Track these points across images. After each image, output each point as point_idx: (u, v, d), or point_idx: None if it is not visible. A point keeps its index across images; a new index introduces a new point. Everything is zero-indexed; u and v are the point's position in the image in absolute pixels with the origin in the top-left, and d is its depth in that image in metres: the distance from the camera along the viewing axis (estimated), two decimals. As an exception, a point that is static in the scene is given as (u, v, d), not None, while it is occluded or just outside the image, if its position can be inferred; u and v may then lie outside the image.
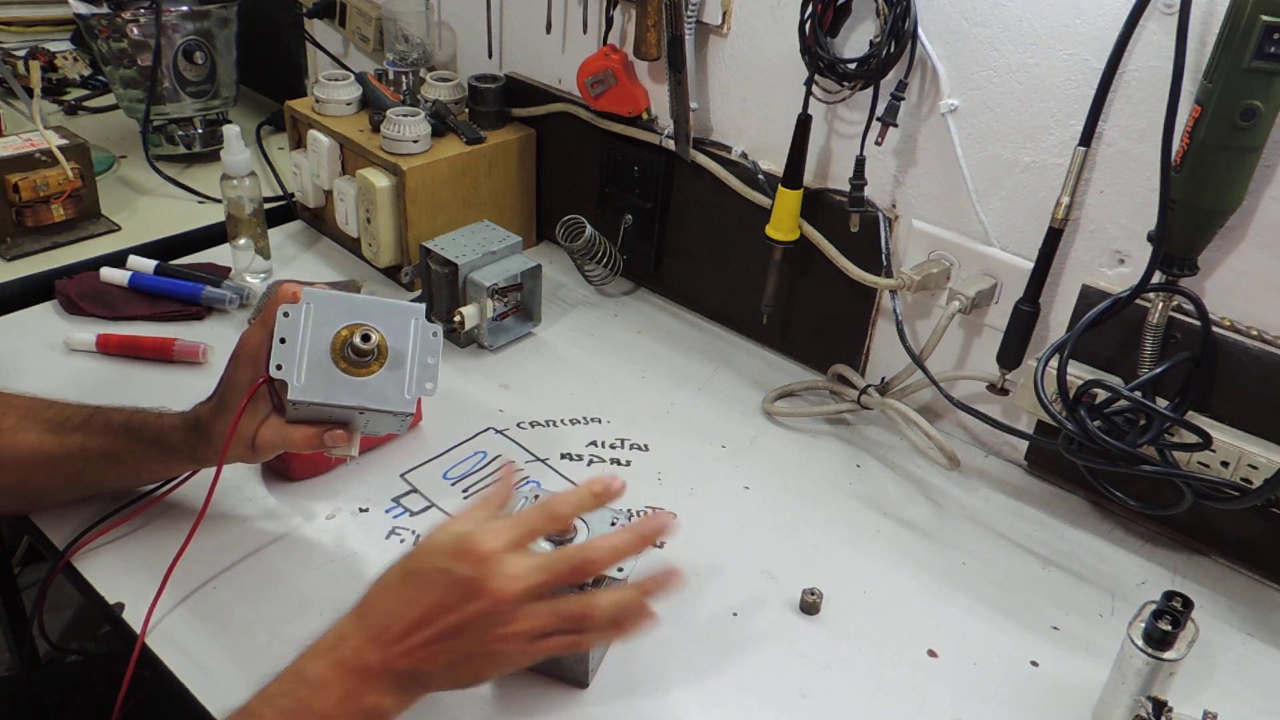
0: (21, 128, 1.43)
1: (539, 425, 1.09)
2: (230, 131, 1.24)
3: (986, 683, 0.83)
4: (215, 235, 1.38)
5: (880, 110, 1.00)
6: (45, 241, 1.31)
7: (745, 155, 1.16)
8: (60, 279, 1.23)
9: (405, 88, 1.40)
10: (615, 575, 0.75)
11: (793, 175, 1.06)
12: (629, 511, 0.87)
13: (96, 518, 0.89)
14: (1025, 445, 1.07)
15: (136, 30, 1.44)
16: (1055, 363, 0.90)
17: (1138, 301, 0.89)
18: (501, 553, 0.65)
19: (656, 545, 0.94)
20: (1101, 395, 0.89)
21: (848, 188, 1.04)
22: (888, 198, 1.07)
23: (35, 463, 0.84)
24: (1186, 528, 0.98)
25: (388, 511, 0.95)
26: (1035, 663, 0.85)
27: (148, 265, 1.26)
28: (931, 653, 0.86)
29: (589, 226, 1.26)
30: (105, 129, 1.63)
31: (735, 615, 0.87)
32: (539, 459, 1.04)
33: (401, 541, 0.92)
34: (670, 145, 1.21)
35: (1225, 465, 0.87)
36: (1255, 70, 0.75)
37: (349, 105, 1.34)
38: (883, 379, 1.11)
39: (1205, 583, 0.95)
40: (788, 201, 1.08)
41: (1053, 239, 0.94)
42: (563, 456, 1.05)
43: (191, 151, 1.56)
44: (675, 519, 0.71)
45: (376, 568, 0.88)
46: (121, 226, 1.37)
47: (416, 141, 1.25)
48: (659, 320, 1.31)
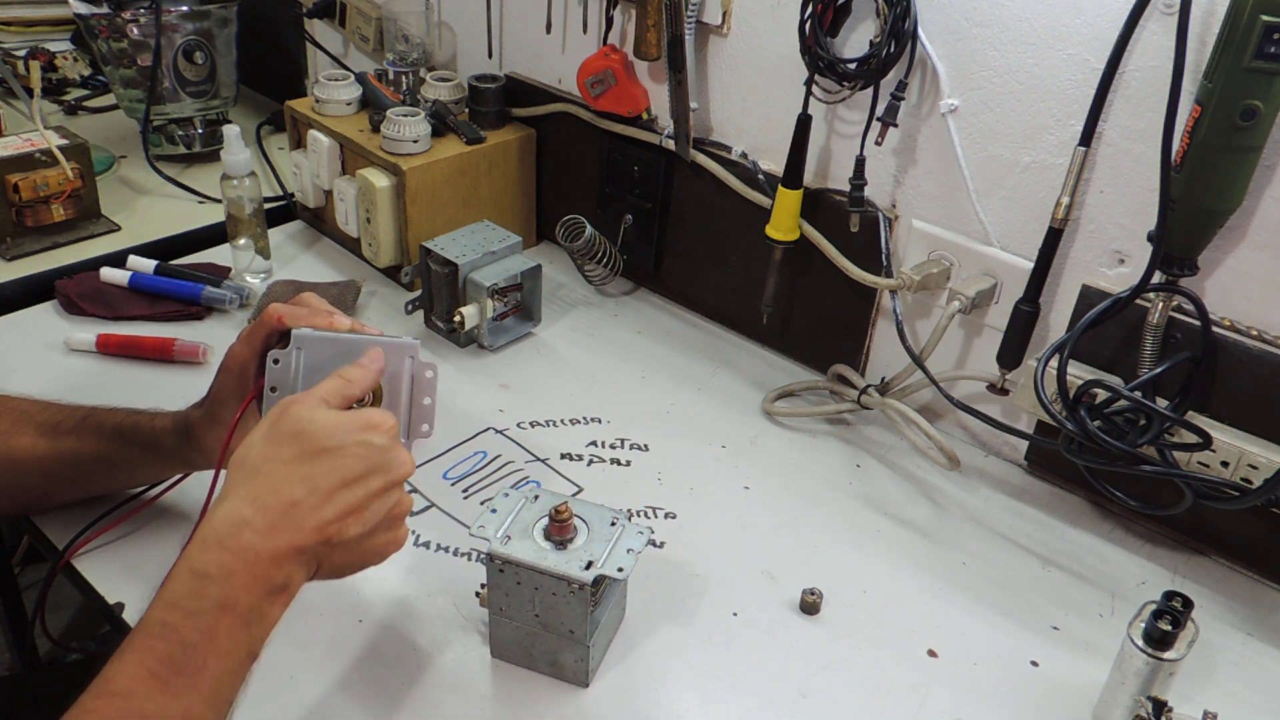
0: (21, 128, 1.43)
1: (539, 425, 1.09)
2: (230, 131, 1.24)
3: (986, 683, 0.83)
4: (215, 235, 1.38)
5: (880, 110, 1.00)
6: (45, 241, 1.31)
7: (745, 155, 1.16)
8: (60, 279, 1.23)
9: (405, 88, 1.40)
10: (616, 576, 0.75)
11: (793, 175, 1.06)
12: (629, 512, 0.87)
13: (95, 517, 0.89)
14: (1025, 445, 1.07)
15: (136, 30, 1.44)
16: (1055, 363, 0.90)
17: (1138, 301, 0.89)
18: (389, 425, 0.68)
19: (656, 545, 0.94)
20: (1101, 395, 0.89)
21: (848, 188, 1.04)
22: (888, 198, 1.08)
23: (29, 467, 0.84)
24: (1186, 528, 0.98)
25: (388, 511, 0.95)
26: (1035, 663, 0.85)
27: (148, 265, 1.26)
28: (931, 653, 0.86)
29: (589, 226, 1.26)
30: (105, 129, 1.63)
31: (735, 615, 0.87)
32: (539, 459, 1.04)
33: (401, 541, 0.92)
34: (670, 145, 1.21)
35: (1225, 465, 0.87)
36: (1255, 70, 0.75)
37: (349, 105, 1.34)
38: (883, 379, 1.11)
39: (1205, 583, 0.95)
40: (788, 201, 1.08)
41: (1053, 239, 0.94)
42: (563, 456, 1.05)
43: (191, 151, 1.56)
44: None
45: (378, 568, 0.88)
46: (121, 226, 1.37)
47: (416, 141, 1.25)
48: (659, 320, 1.31)
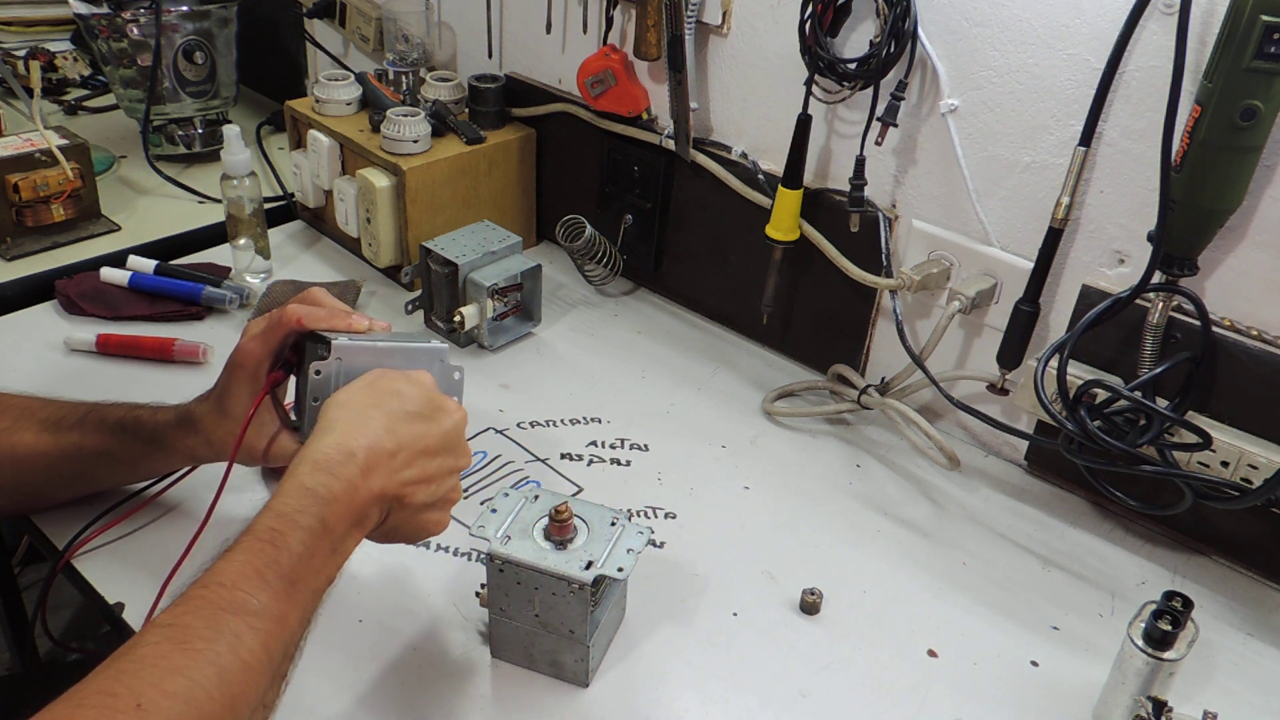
0: (21, 128, 1.43)
1: (539, 425, 1.09)
2: (230, 131, 1.24)
3: (986, 683, 0.83)
4: (215, 235, 1.38)
5: (880, 110, 1.00)
6: (45, 241, 1.31)
7: (745, 155, 1.16)
8: (60, 279, 1.23)
9: (405, 88, 1.40)
10: (616, 576, 0.75)
11: (793, 175, 1.06)
12: (629, 512, 0.87)
13: (95, 516, 0.89)
14: (1025, 445, 1.07)
15: (136, 30, 1.44)
16: (1055, 363, 0.90)
17: (1138, 301, 0.89)
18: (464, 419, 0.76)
19: (656, 545, 0.94)
20: (1101, 395, 0.89)
21: (848, 188, 1.04)
22: (888, 198, 1.08)
23: (32, 463, 0.84)
24: (1186, 528, 0.98)
25: (388, 511, 0.95)
26: (1035, 663, 0.85)
27: (148, 265, 1.26)
28: (931, 653, 0.86)
29: (589, 226, 1.26)
30: (105, 129, 1.63)
31: (735, 615, 0.87)
32: (539, 459, 1.04)
33: (401, 541, 0.92)
34: (670, 145, 1.21)
35: (1225, 465, 0.87)
36: (1255, 70, 0.75)
37: (349, 105, 1.34)
38: (883, 379, 1.11)
39: (1205, 583, 0.95)
40: (788, 201, 1.08)
41: (1053, 239, 0.94)
42: (563, 456, 1.05)
43: (191, 151, 1.56)
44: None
45: (378, 568, 0.89)
46: (121, 226, 1.37)
47: (416, 141, 1.25)
48: (659, 320, 1.31)
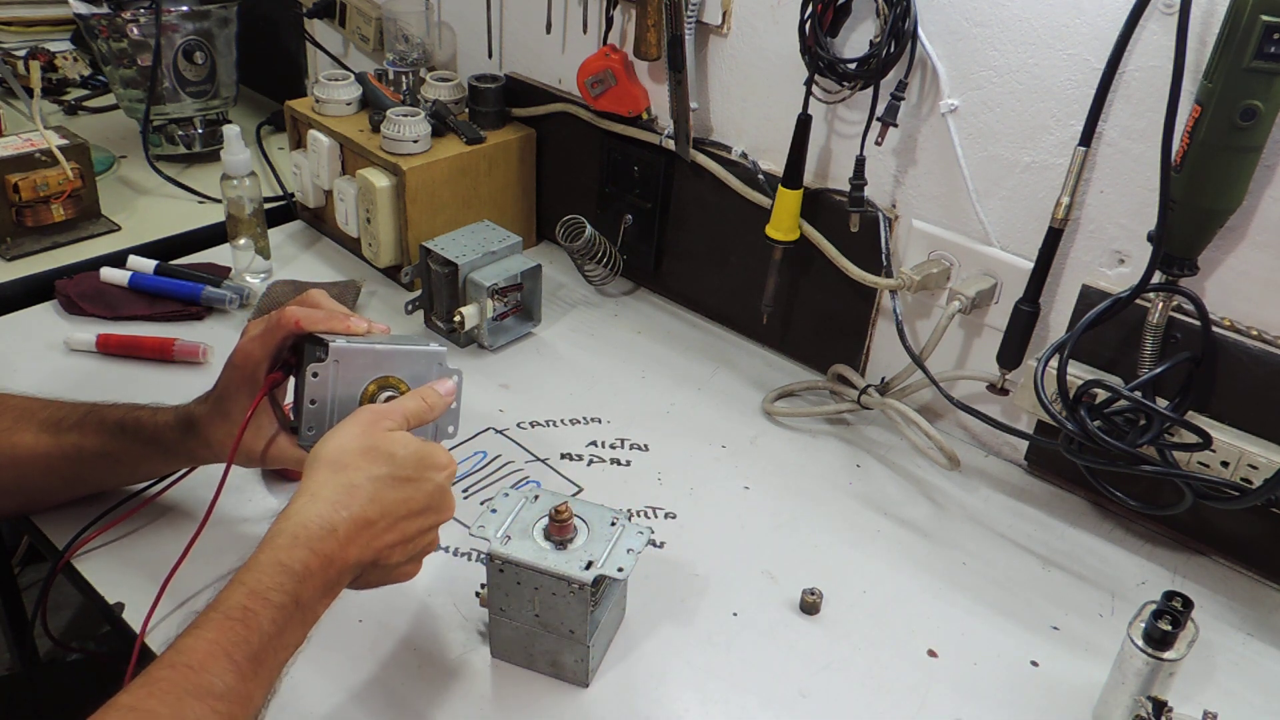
0: (21, 128, 1.43)
1: (539, 425, 1.09)
2: (230, 131, 1.24)
3: (986, 683, 0.83)
4: (215, 235, 1.38)
5: (880, 110, 1.00)
6: (45, 241, 1.31)
7: (745, 155, 1.16)
8: (60, 279, 1.23)
9: (405, 88, 1.40)
10: (616, 576, 0.75)
11: (793, 175, 1.06)
12: (629, 512, 0.87)
13: (95, 517, 0.89)
14: (1025, 445, 1.07)
15: (136, 30, 1.44)
16: (1055, 363, 0.90)
17: (1138, 301, 0.89)
18: (445, 456, 0.74)
19: (656, 545, 0.94)
20: (1101, 395, 0.89)
21: (848, 188, 1.04)
22: (888, 198, 1.08)
23: (32, 463, 0.84)
24: (1186, 528, 0.98)
25: (388, 511, 0.95)
26: (1035, 663, 0.85)
27: (148, 265, 1.26)
28: (931, 653, 0.86)
29: (589, 226, 1.26)
30: (105, 129, 1.63)
31: (735, 615, 0.87)
32: (539, 459, 1.04)
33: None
34: (670, 145, 1.21)
35: (1225, 465, 0.87)
36: (1255, 70, 0.75)
37: (349, 105, 1.34)
38: (883, 379, 1.11)
39: (1205, 583, 0.95)
40: (788, 201, 1.08)
41: (1053, 239, 0.94)
42: (563, 456, 1.05)
43: (191, 151, 1.56)
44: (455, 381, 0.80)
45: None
46: (121, 226, 1.37)
47: (416, 141, 1.25)
48: (659, 320, 1.31)
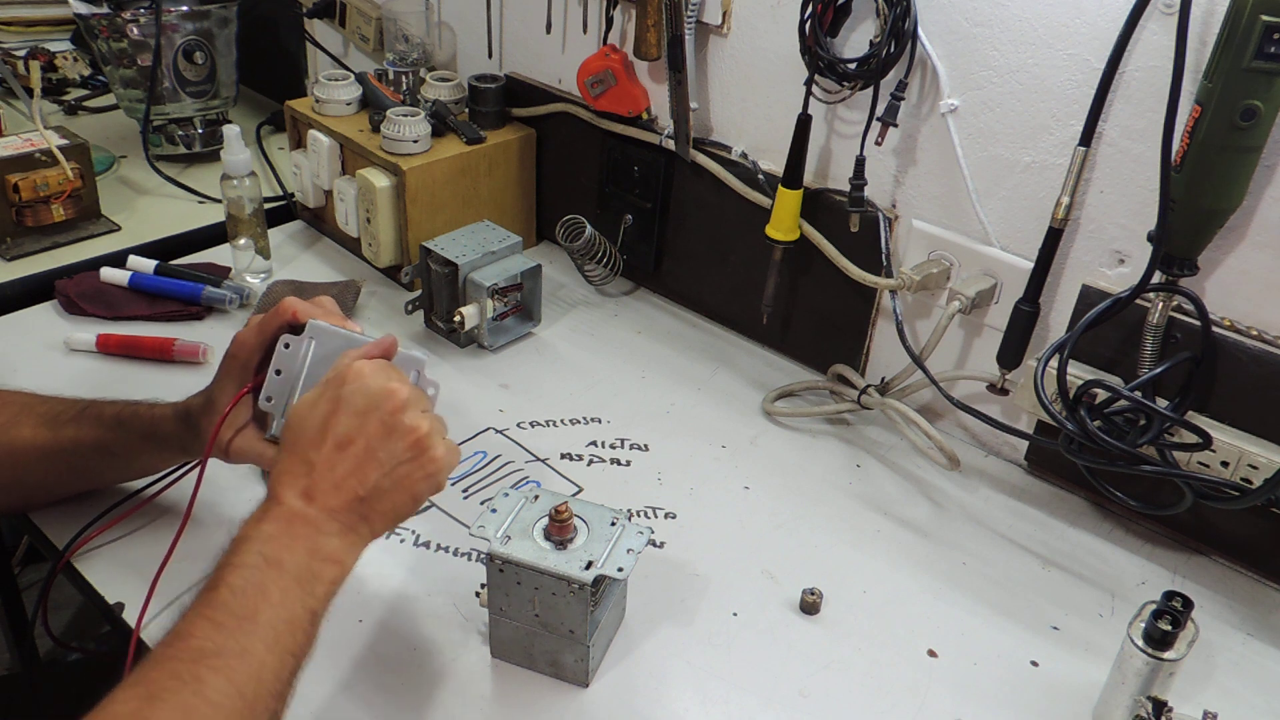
0: (21, 128, 1.43)
1: (539, 425, 1.09)
2: (230, 131, 1.24)
3: (986, 683, 0.83)
4: (215, 235, 1.38)
5: (880, 110, 1.00)
6: (45, 241, 1.31)
7: (745, 155, 1.16)
8: (60, 279, 1.23)
9: (405, 88, 1.40)
10: (616, 576, 0.75)
11: (793, 175, 1.06)
12: (629, 512, 0.87)
13: (95, 516, 0.89)
14: (1025, 445, 1.07)
15: (136, 30, 1.44)
16: (1055, 363, 0.90)
17: (1138, 301, 0.89)
18: (369, 369, 0.71)
19: (656, 545, 0.94)
20: (1101, 395, 0.89)
21: (848, 188, 1.04)
22: (888, 198, 1.07)
23: (30, 458, 0.84)
24: (1186, 528, 0.98)
25: (388, 511, 0.95)
26: (1035, 663, 0.85)
27: (148, 265, 1.26)
28: (931, 653, 0.86)
29: (589, 226, 1.26)
30: (105, 129, 1.63)
31: (735, 615, 0.87)
32: (539, 459, 1.04)
33: (401, 541, 0.92)
34: (670, 145, 1.21)
35: (1225, 465, 0.87)
36: (1255, 70, 0.75)
37: (349, 105, 1.34)
38: (883, 379, 1.11)
39: (1205, 583, 0.95)
40: (788, 201, 1.08)
41: (1053, 239, 0.94)
42: (563, 456, 1.05)
43: (191, 151, 1.56)
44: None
45: (375, 566, 0.89)
46: (121, 226, 1.37)
47: (416, 141, 1.25)
48: (659, 320, 1.31)
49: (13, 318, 1.20)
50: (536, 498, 0.82)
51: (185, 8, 1.46)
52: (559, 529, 0.77)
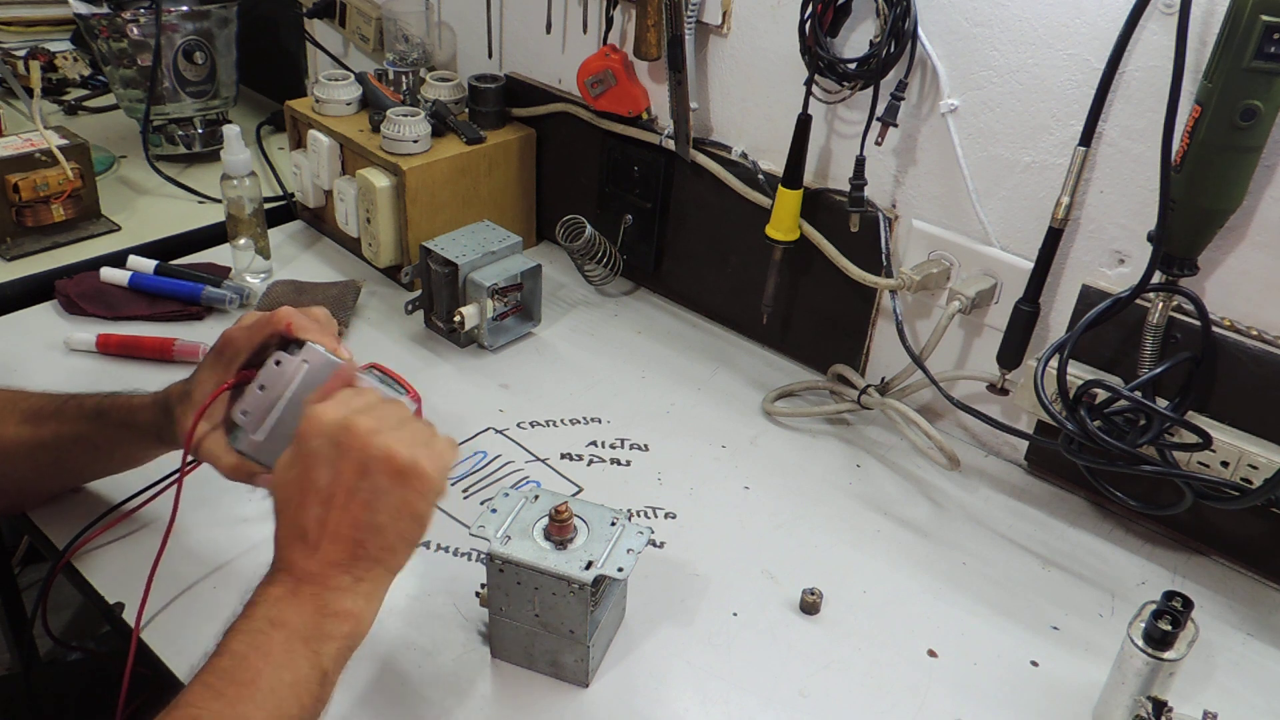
0: (21, 128, 1.43)
1: (539, 425, 1.09)
2: (230, 131, 1.24)
3: (986, 683, 0.83)
4: (215, 235, 1.38)
5: (880, 110, 1.00)
6: (45, 241, 1.31)
7: (745, 155, 1.16)
8: (60, 279, 1.23)
9: (405, 88, 1.40)
10: (616, 576, 0.75)
11: (793, 175, 1.06)
12: (628, 512, 0.87)
13: (95, 517, 0.89)
14: (1025, 445, 1.07)
15: (136, 30, 1.44)
16: (1055, 363, 0.90)
17: (1138, 301, 0.89)
18: (327, 411, 0.67)
19: (656, 545, 0.94)
20: (1101, 395, 0.89)
21: (848, 188, 1.04)
22: (888, 198, 1.07)
23: (14, 454, 0.84)
24: (1186, 528, 0.98)
25: (388, 511, 0.95)
26: (1035, 663, 0.85)
27: (148, 265, 1.26)
28: (931, 653, 0.86)
29: (589, 226, 1.26)
30: (105, 129, 1.63)
31: (735, 615, 0.87)
32: (539, 459, 1.04)
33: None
34: (670, 145, 1.21)
35: (1225, 465, 0.87)
36: (1255, 70, 0.75)
37: (349, 105, 1.34)
38: (883, 379, 1.11)
39: (1205, 583, 0.95)
40: (788, 201, 1.08)
41: (1053, 239, 0.94)
42: (563, 456, 1.05)
43: (191, 151, 1.56)
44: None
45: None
46: (121, 226, 1.37)
47: (416, 141, 1.25)
48: (659, 320, 1.31)
49: (13, 318, 1.20)
50: (536, 498, 0.82)
51: (185, 8, 1.46)
52: (559, 529, 0.77)
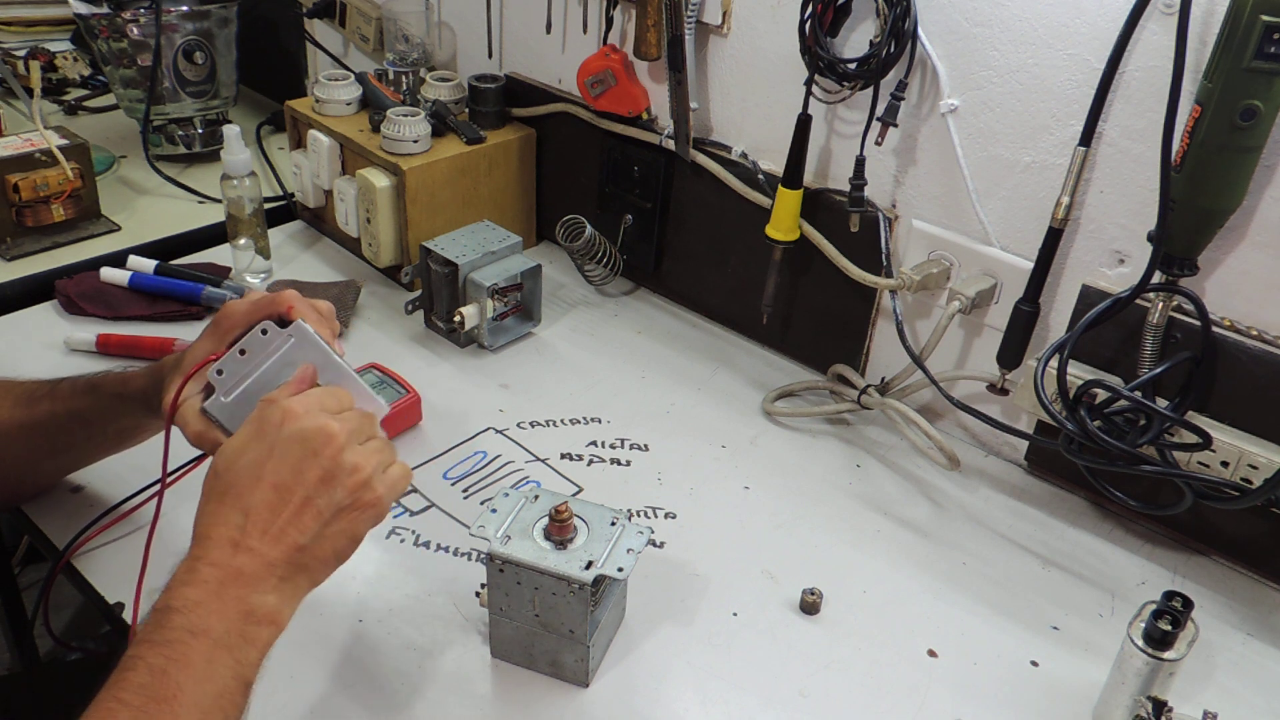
0: (21, 128, 1.43)
1: (539, 425, 1.09)
2: (230, 131, 1.24)
3: (986, 683, 0.83)
4: (215, 235, 1.38)
5: (880, 110, 1.00)
6: (45, 241, 1.31)
7: (745, 155, 1.16)
8: (60, 279, 1.23)
9: (405, 88, 1.40)
10: (616, 576, 0.75)
11: (793, 175, 1.06)
12: (629, 512, 0.87)
13: (95, 517, 0.89)
14: (1025, 445, 1.07)
15: (136, 30, 1.44)
16: (1055, 363, 0.90)
17: (1138, 301, 0.89)
18: (303, 407, 0.66)
19: (656, 545, 0.94)
20: (1101, 395, 0.89)
21: (848, 188, 1.04)
22: (888, 198, 1.07)
23: (8, 437, 0.84)
24: (1186, 528, 0.98)
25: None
26: (1035, 663, 0.85)
27: (148, 265, 1.26)
28: (931, 653, 0.86)
29: (589, 226, 1.26)
30: (105, 129, 1.63)
31: (735, 615, 0.87)
32: (539, 459, 1.04)
33: (401, 541, 0.92)
34: (670, 145, 1.21)
35: (1225, 465, 0.87)
36: (1255, 70, 0.75)
37: (349, 105, 1.34)
38: (883, 379, 1.11)
39: (1205, 583, 0.95)
40: (788, 201, 1.08)
41: (1053, 239, 0.94)
42: (563, 456, 1.05)
43: (191, 151, 1.56)
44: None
45: (375, 566, 0.89)
46: (121, 226, 1.37)
47: (416, 141, 1.25)
48: (659, 320, 1.31)
49: (13, 318, 1.20)
50: (536, 498, 0.82)
51: (185, 8, 1.46)
52: (559, 529, 0.77)
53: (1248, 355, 0.87)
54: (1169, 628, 0.73)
